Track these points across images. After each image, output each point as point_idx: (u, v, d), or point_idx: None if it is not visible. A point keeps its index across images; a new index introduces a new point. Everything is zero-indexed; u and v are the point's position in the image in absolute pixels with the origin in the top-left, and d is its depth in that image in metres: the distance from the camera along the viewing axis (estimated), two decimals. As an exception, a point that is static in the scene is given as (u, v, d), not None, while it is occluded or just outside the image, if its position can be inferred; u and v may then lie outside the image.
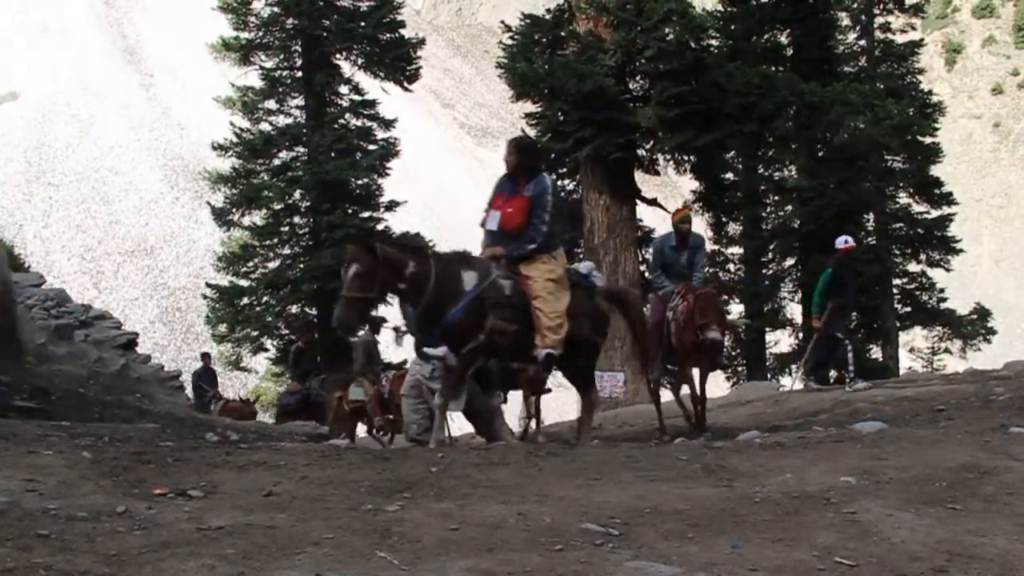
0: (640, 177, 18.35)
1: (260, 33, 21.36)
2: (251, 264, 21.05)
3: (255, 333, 20.67)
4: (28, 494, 3.74)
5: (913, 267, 23.99)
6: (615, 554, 3.38)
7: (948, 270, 23.99)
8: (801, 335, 21.86)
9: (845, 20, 24.55)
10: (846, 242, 12.98)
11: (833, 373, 20.50)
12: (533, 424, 11.20)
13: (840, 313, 12.85)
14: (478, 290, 6.72)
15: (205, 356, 19.67)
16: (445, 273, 6.74)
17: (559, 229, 7.59)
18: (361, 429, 14.85)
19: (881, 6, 24.73)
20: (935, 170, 24.50)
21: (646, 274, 19.21)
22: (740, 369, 21.97)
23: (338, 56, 21.59)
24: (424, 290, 6.66)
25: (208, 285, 21.96)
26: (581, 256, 18.98)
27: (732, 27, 22.14)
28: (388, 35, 21.80)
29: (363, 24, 21.32)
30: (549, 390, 10.91)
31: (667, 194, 44.32)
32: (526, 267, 6.95)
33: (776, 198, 22.51)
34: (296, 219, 21.29)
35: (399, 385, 13.06)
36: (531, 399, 11.30)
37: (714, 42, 19.89)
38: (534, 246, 6.97)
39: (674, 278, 9.76)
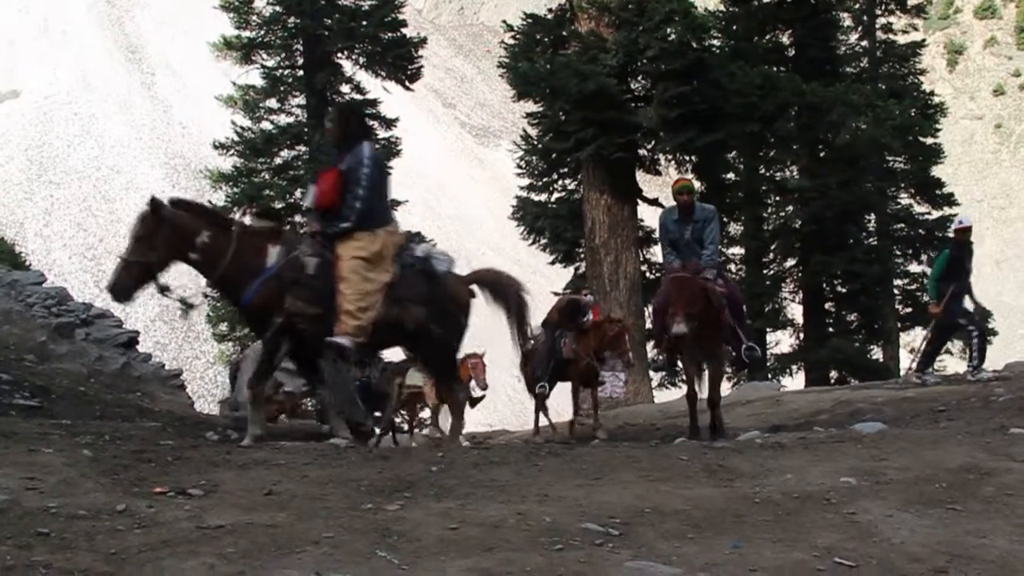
0: (641, 177, 18.34)
1: (261, 32, 21.34)
2: (252, 263, 21.06)
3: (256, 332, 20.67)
4: (28, 492, 3.74)
5: (914, 268, 23.98)
6: (615, 554, 3.39)
7: (949, 272, 23.92)
8: (802, 336, 21.88)
9: (847, 21, 24.54)
10: (961, 223, 12.19)
11: (834, 374, 20.57)
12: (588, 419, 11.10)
13: (959, 297, 11.72)
14: (275, 268, 6.29)
15: (244, 347, 19.16)
16: (247, 247, 6.32)
17: (382, 204, 6.78)
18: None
19: (883, 7, 24.72)
20: (936, 171, 24.50)
21: (647, 274, 19.24)
22: (741, 370, 21.94)
23: (340, 55, 21.57)
24: (218, 263, 6.27)
25: (209, 284, 21.93)
26: (582, 257, 18.99)
27: (734, 27, 22.15)
28: (390, 34, 21.78)
29: (365, 23, 21.30)
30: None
31: (668, 194, 44.30)
32: (339, 245, 6.43)
33: (777, 198, 22.50)
34: (297, 218, 21.28)
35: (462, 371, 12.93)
36: (579, 392, 11.20)
37: (716, 42, 19.87)
38: (347, 224, 6.44)
39: (683, 255, 8.70)
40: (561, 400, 12.89)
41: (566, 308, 11.01)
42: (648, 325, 15.97)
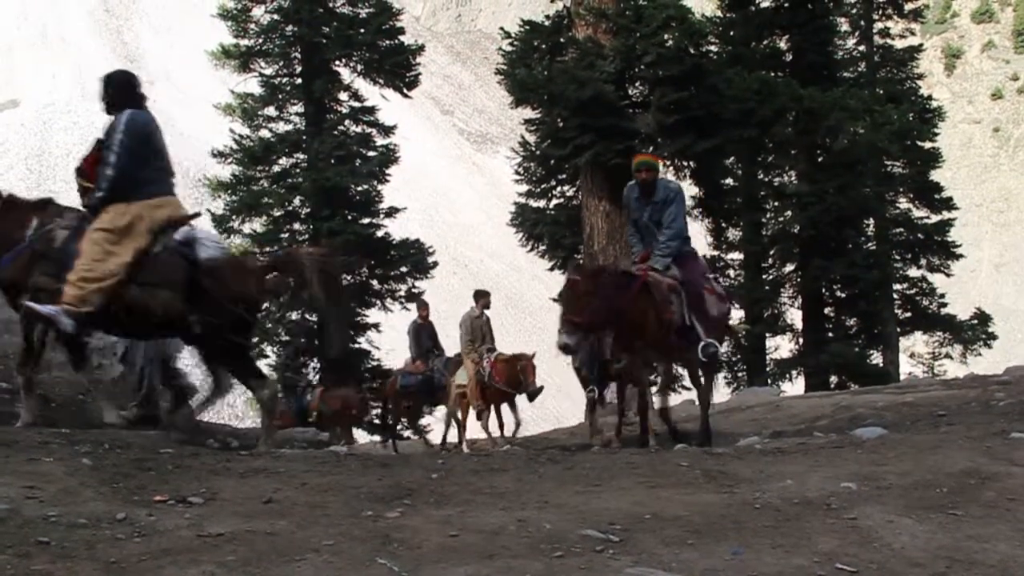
0: (640, 183, 18.33)
1: (260, 40, 21.40)
2: (251, 271, 21.05)
3: (255, 340, 20.65)
4: (28, 501, 3.74)
5: (913, 272, 24.02)
6: (615, 560, 3.38)
7: (948, 275, 24.00)
8: (801, 341, 21.87)
9: (844, 25, 24.62)
10: None
11: (833, 378, 20.58)
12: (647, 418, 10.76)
13: None
14: (28, 240, 6.01)
15: (288, 344, 18.93)
16: (10, 219, 6.11)
17: (145, 173, 6.31)
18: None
19: (880, 11, 24.80)
20: (935, 175, 24.55)
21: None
22: (740, 375, 21.96)
23: (338, 63, 21.63)
24: None
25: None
26: (580, 261, 18.98)
27: (731, 33, 22.20)
28: (387, 42, 21.84)
29: (362, 31, 21.37)
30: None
31: (667, 200, 44.30)
32: (95, 217, 6.08)
33: (776, 203, 22.52)
34: (296, 226, 21.31)
35: (501, 370, 12.33)
36: (626, 391, 10.64)
37: (713, 48, 19.91)
38: (99, 194, 6.10)
39: (644, 240, 8.11)
40: (561, 404, 12.86)
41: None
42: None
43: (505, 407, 13.19)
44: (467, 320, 13.15)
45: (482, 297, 13.62)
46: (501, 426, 13.26)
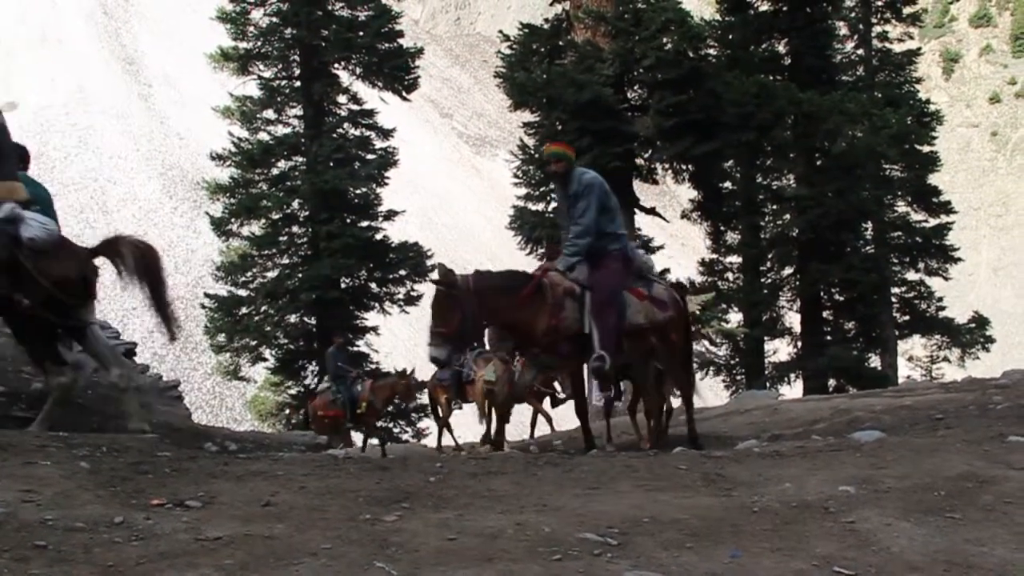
0: (638, 186, 18.37)
1: (258, 43, 21.41)
2: (250, 274, 21.06)
3: (254, 343, 20.66)
4: (25, 505, 3.73)
5: (911, 276, 24.03)
6: (614, 564, 3.38)
7: (946, 279, 24.01)
8: (800, 344, 21.88)
9: (843, 29, 24.64)
10: None
11: (832, 382, 20.58)
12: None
13: None
14: None
15: (336, 335, 18.75)
16: None
17: None
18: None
19: (879, 15, 24.83)
20: (933, 179, 24.57)
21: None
22: (739, 378, 21.96)
23: (336, 66, 21.64)
24: None
25: (207, 295, 21.98)
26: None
27: (730, 36, 22.22)
28: (386, 45, 21.85)
29: (361, 34, 21.38)
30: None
31: (665, 203, 44.41)
32: None
33: (774, 207, 22.54)
34: (295, 228, 21.30)
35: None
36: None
37: (712, 51, 19.95)
38: None
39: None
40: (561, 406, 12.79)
41: None
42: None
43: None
44: None
45: None
46: (533, 424, 12.91)
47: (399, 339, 34.53)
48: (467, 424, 14.89)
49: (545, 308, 7.00)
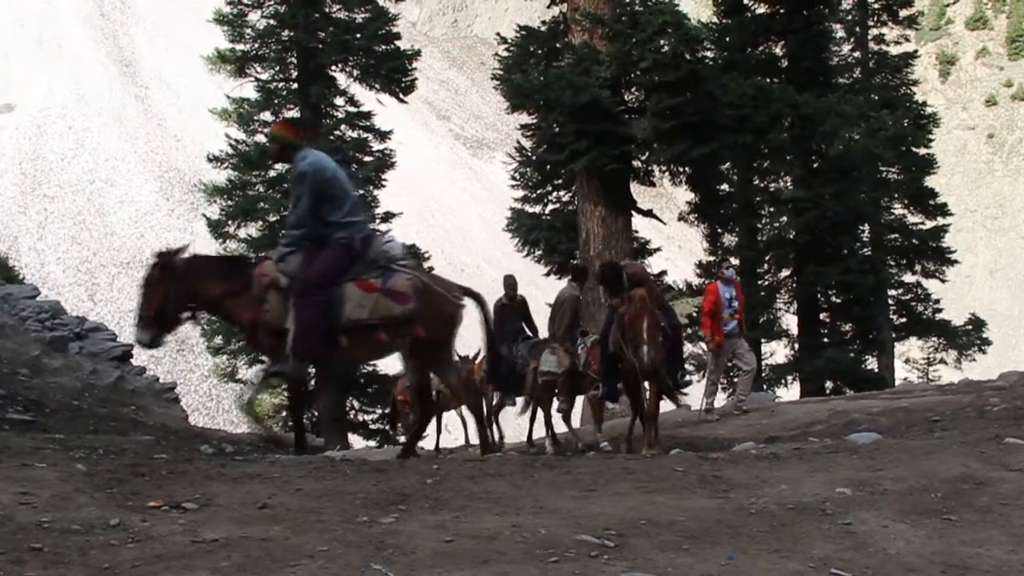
0: (635, 189, 18.36)
1: (255, 45, 21.38)
2: (246, 276, 21.01)
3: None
4: (22, 507, 3.73)
5: (908, 278, 24.06)
6: (610, 566, 3.38)
7: (943, 281, 24.04)
8: (796, 346, 21.88)
9: (840, 32, 24.66)
10: None
11: (829, 384, 20.58)
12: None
13: None
14: None
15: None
16: None
17: None
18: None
19: (875, 18, 24.88)
20: (929, 181, 24.61)
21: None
22: (736, 380, 21.95)
23: (334, 68, 21.61)
24: None
25: (203, 297, 21.94)
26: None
27: (727, 39, 22.23)
28: (384, 47, 21.82)
29: (359, 36, 21.35)
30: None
31: (663, 205, 44.47)
32: None
33: (771, 209, 22.54)
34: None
35: (598, 355, 10.08)
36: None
37: (709, 54, 19.92)
38: None
39: None
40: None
41: (605, 273, 9.40)
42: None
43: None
44: (570, 299, 11.06)
45: (582, 276, 11.86)
46: (599, 420, 11.28)
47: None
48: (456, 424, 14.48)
49: (251, 300, 6.79)
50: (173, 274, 6.81)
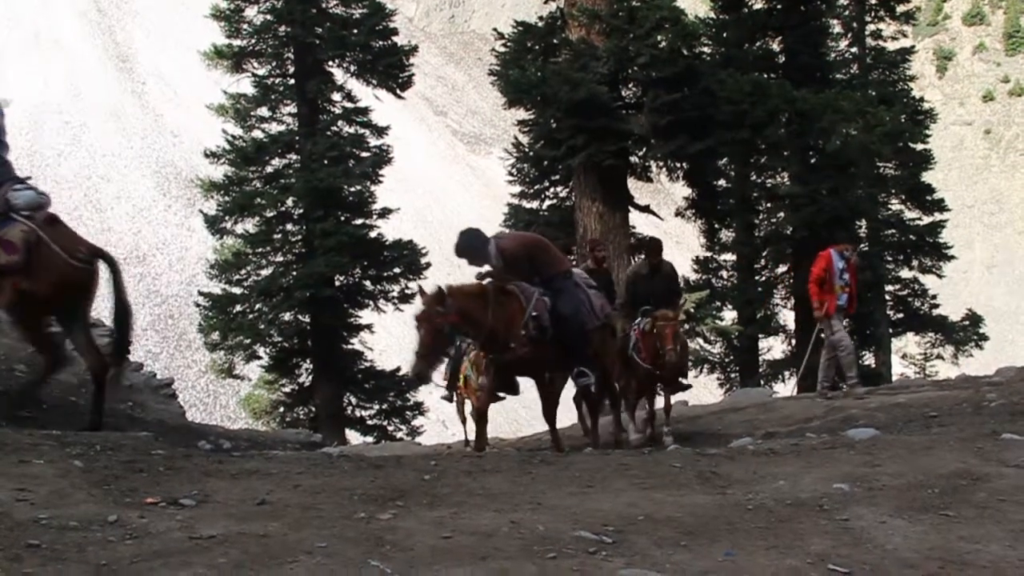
0: (633, 184, 18.36)
1: (252, 40, 21.32)
2: (244, 272, 20.98)
3: (248, 341, 20.58)
4: (19, 503, 3.72)
5: (905, 273, 24.08)
6: (608, 562, 3.38)
7: (940, 276, 24.06)
8: (794, 342, 21.89)
9: (837, 27, 24.65)
10: None
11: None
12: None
13: None
14: None
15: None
16: None
17: None
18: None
19: (872, 13, 24.86)
20: (926, 177, 24.62)
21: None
22: (733, 376, 21.98)
23: (331, 63, 21.56)
24: None
25: (201, 293, 21.92)
26: (574, 264, 18.97)
27: (724, 34, 22.21)
28: (381, 42, 21.78)
29: (356, 32, 21.31)
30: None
31: (660, 201, 44.40)
32: None
33: (768, 205, 22.53)
34: (289, 226, 21.22)
35: (648, 341, 9.53)
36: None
37: (706, 49, 19.92)
38: None
39: None
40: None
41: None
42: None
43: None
44: (627, 275, 10.49)
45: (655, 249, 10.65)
46: (652, 415, 10.32)
47: (393, 337, 34.47)
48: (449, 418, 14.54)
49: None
50: None
